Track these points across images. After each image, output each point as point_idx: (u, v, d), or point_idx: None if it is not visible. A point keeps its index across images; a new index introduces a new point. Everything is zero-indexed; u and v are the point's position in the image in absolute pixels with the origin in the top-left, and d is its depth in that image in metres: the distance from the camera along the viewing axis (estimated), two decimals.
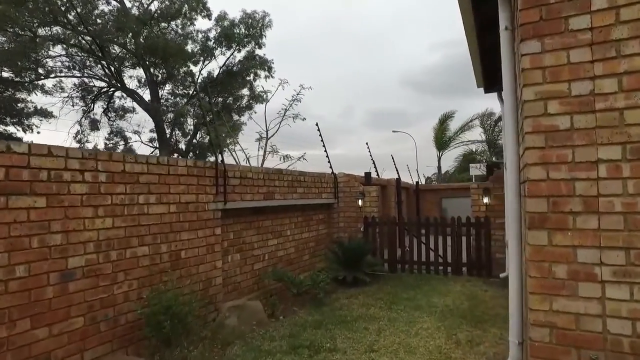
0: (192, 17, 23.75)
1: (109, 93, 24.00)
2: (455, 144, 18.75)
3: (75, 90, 21.94)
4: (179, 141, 26.92)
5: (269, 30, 24.32)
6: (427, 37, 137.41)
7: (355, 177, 9.62)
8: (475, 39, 5.93)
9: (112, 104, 24.84)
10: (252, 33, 24.41)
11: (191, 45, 24.48)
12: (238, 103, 26.51)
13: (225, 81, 25.44)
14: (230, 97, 26.54)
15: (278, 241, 7.06)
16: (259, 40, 24.51)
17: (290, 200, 7.21)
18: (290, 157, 12.54)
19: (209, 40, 24.34)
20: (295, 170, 7.77)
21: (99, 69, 21.84)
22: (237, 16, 24.00)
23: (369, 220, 8.51)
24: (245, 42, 24.61)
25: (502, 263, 7.49)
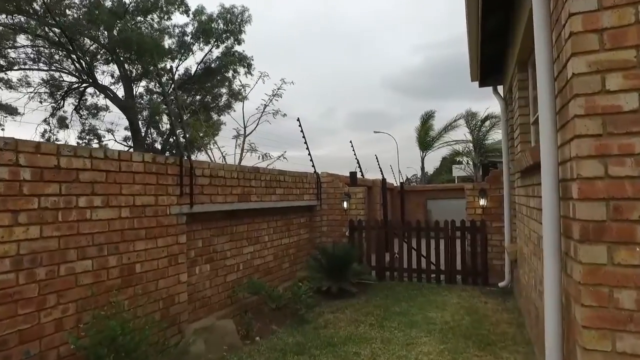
0: (169, 11, 22.65)
1: (80, 89, 22.66)
2: (439, 144, 18.28)
3: (43, 85, 20.55)
4: (155, 140, 25.74)
5: (248, 26, 23.43)
6: (409, 40, 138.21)
7: (340, 177, 8.87)
8: (477, 20, 5.25)
9: (84, 101, 23.50)
10: (231, 28, 23.46)
11: (168, 41, 23.38)
12: (217, 101, 25.52)
13: (204, 78, 24.42)
14: (208, 95, 25.52)
15: (255, 248, 6.23)
16: (238, 36, 23.56)
17: (269, 203, 6.40)
18: (270, 155, 11.71)
19: (186, 35, 23.28)
20: (274, 169, 6.96)
21: (69, 64, 20.51)
22: (215, 11, 23.00)
23: (355, 224, 7.76)
24: (223, 38, 23.63)
25: (499, 270, 6.85)
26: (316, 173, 8.07)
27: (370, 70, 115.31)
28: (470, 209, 7.02)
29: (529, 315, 4.50)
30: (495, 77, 7.24)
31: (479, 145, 16.40)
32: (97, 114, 23.75)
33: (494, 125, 16.48)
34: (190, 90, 25.18)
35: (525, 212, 4.54)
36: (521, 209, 4.94)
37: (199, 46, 23.85)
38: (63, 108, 22.58)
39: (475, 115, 16.52)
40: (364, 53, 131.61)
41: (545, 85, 2.58)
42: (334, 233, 7.98)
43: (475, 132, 16.51)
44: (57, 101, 22.09)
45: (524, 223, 4.77)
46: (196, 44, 23.74)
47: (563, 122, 2.46)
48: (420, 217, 14.44)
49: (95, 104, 23.66)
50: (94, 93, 23.11)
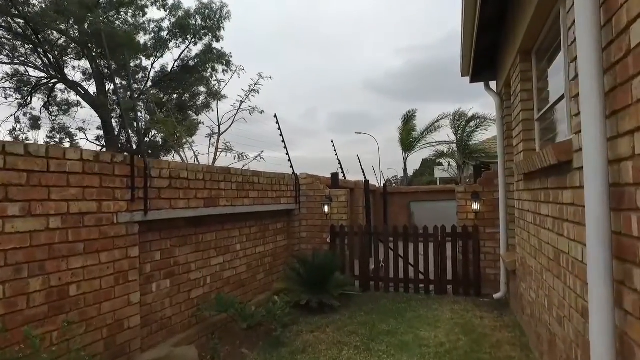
0: (145, 5, 21.57)
1: (49, 85, 21.36)
2: (422, 145, 17.75)
3: (7, 79, 19.22)
4: (129, 140, 24.55)
5: (227, 22, 22.53)
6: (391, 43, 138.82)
7: (320, 179, 8.17)
8: (474, 6, 4.64)
9: (54, 98, 22.20)
10: (209, 25, 22.52)
11: (143, 37, 22.30)
12: (194, 100, 24.52)
13: (181, 76, 23.40)
14: (186, 93, 24.49)
15: (224, 259, 5.47)
16: (217, 33, 22.64)
17: (241, 207, 5.65)
18: (246, 155, 10.95)
19: (162, 31, 22.24)
20: (247, 169, 6.21)
21: (36, 58, 19.24)
22: (193, 6, 22.02)
23: (337, 230, 7.08)
24: (201, 35, 22.68)
25: (492, 280, 6.27)
26: (295, 174, 7.36)
27: (352, 72, 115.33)
28: (461, 214, 6.42)
29: (537, 337, 3.88)
30: (487, 73, 6.68)
31: (464, 146, 15.97)
32: (68, 111, 22.50)
33: (479, 125, 16.13)
34: (167, 88, 24.14)
35: (532, 220, 3.93)
36: (525, 216, 4.34)
37: (176, 43, 22.86)
38: (31, 105, 21.27)
39: (461, 116, 16.10)
40: (345, 55, 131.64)
41: (589, 59, 1.93)
42: (314, 239, 7.28)
43: (460, 133, 16.08)
44: (24, 97, 20.78)
45: (528, 231, 4.17)
46: (173, 41, 22.75)
47: (617, 107, 1.82)
48: (404, 220, 13.87)
49: (66, 101, 22.39)
50: (64, 89, 21.86)
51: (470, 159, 16.48)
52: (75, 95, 21.36)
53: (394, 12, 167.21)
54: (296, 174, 7.41)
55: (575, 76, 2.42)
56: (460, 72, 6.99)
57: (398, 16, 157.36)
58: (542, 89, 4.29)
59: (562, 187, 2.83)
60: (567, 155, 2.60)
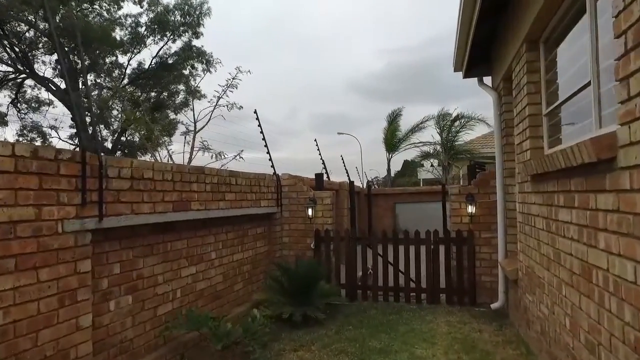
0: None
1: (17, 80, 20.18)
2: (406, 145, 17.35)
3: None
4: (105, 139, 23.52)
5: (208, 19, 21.72)
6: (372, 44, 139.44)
7: (304, 179, 7.62)
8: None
9: (23, 94, 21.00)
10: (189, 21, 21.69)
11: (119, 33, 21.30)
12: (173, 99, 23.60)
13: (159, 74, 22.47)
14: (164, 91, 23.54)
15: (197, 269, 4.85)
16: (197, 30, 21.83)
17: (216, 211, 5.04)
18: (225, 154, 10.31)
19: (140, 27, 21.30)
20: (223, 169, 5.60)
21: (1, 51, 18.08)
22: (172, 1, 21.15)
23: (322, 235, 6.52)
24: (181, 31, 21.83)
25: (488, 288, 5.81)
26: (276, 175, 6.78)
27: (333, 72, 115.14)
28: (455, 217, 5.94)
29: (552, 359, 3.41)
30: (481, 68, 6.24)
31: (449, 146, 15.64)
32: (38, 109, 21.32)
33: (464, 125, 15.80)
34: (145, 86, 23.17)
35: (544, 226, 3.46)
36: (532, 221, 3.87)
37: (154, 39, 21.94)
38: None
39: (446, 116, 15.76)
40: (327, 56, 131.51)
41: None
42: (297, 245, 6.71)
43: (445, 133, 15.74)
44: None
45: (537, 239, 3.70)
46: (151, 37, 21.82)
47: None
48: (389, 223, 13.44)
49: (36, 97, 21.21)
50: (34, 85, 20.69)
51: (456, 159, 16.18)
52: (46, 92, 20.24)
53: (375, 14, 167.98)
54: (277, 175, 6.83)
55: (625, 53, 1.94)
56: (453, 67, 6.53)
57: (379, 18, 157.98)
58: (552, 80, 3.83)
59: (596, 190, 2.35)
60: (609, 151, 2.11)
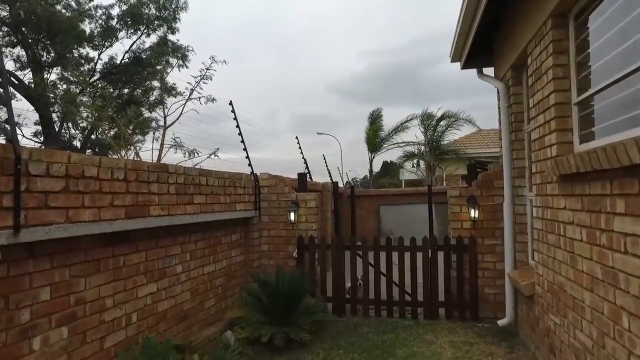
0: None
1: None
2: (388, 145, 16.75)
3: None
4: (74, 137, 22.08)
5: (184, 13, 20.65)
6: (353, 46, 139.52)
7: (285, 180, 6.83)
8: None
9: None
10: (164, 15, 20.56)
11: (90, 26, 19.99)
12: (147, 96, 22.35)
13: (132, 69, 21.23)
14: (138, 88, 22.27)
15: (159, 286, 4.01)
16: (172, 25, 20.69)
17: (182, 217, 4.20)
18: (198, 152, 9.43)
19: (112, 19, 20.04)
20: (192, 167, 4.75)
21: None
22: None
23: (306, 242, 5.75)
24: (155, 25, 20.68)
25: (492, 301, 5.16)
26: (254, 174, 5.97)
27: (314, 73, 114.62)
28: (455, 222, 5.27)
29: None
30: (480, 59, 5.61)
31: (435, 146, 15.11)
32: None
33: (451, 124, 15.28)
34: (117, 81, 21.86)
35: (587, 238, 2.79)
36: (561, 230, 3.20)
37: (127, 33, 20.71)
38: None
39: (431, 115, 15.21)
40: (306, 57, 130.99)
41: None
42: (278, 253, 5.91)
43: (430, 132, 15.20)
44: None
45: (572, 251, 3.02)
46: (123, 30, 20.58)
47: None
48: (373, 225, 12.77)
49: None
50: None
51: (442, 159, 15.69)
52: None
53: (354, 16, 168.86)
54: (256, 174, 6.02)
55: None
56: (450, 57, 5.87)
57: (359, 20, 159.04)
58: (583, 63, 3.19)
59: None
60: None
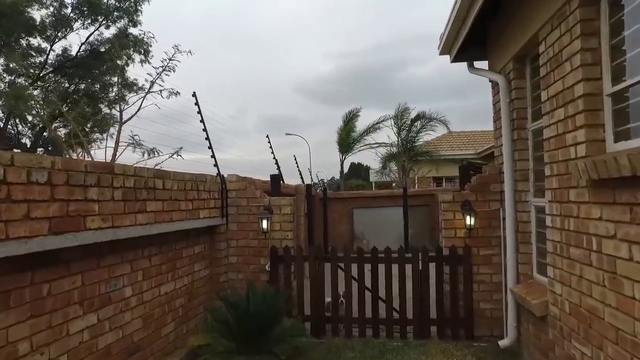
0: None
1: None
2: (360, 146, 16.22)
3: None
4: (22, 134, 20.25)
5: (146, 4, 19.33)
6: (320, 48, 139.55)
7: (255, 182, 6.06)
8: None
9: None
10: (125, 7, 19.16)
11: (40, 12, 18.30)
12: (106, 92, 20.79)
13: (90, 63, 19.65)
14: (96, 83, 20.67)
15: (101, 316, 3.17)
16: (134, 17, 19.32)
17: (132, 229, 3.37)
18: (159, 152, 8.49)
19: (65, 8, 18.45)
20: (144, 167, 3.90)
21: None
22: None
23: (280, 254, 5.02)
24: (115, 17, 19.24)
25: (488, 317, 4.62)
26: (221, 176, 5.18)
27: (280, 74, 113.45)
28: (448, 230, 4.70)
29: None
30: (471, 53, 5.09)
31: (409, 147, 14.71)
32: None
33: (425, 125, 14.92)
34: (73, 75, 20.18)
35: (620, 252, 2.25)
36: (597, 244, 2.65)
37: (83, 23, 19.15)
38: None
39: (404, 113, 14.79)
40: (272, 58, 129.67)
41: None
42: (248, 267, 5.14)
43: (405, 133, 14.78)
44: None
45: (615, 272, 2.47)
46: (79, 20, 19.02)
47: None
48: (345, 230, 12.17)
49: None
50: None
51: (416, 161, 15.34)
52: None
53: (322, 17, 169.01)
54: (222, 176, 5.23)
55: None
56: (439, 48, 5.32)
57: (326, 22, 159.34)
58: (618, 47, 2.67)
59: None
60: None
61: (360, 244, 11.80)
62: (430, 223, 11.57)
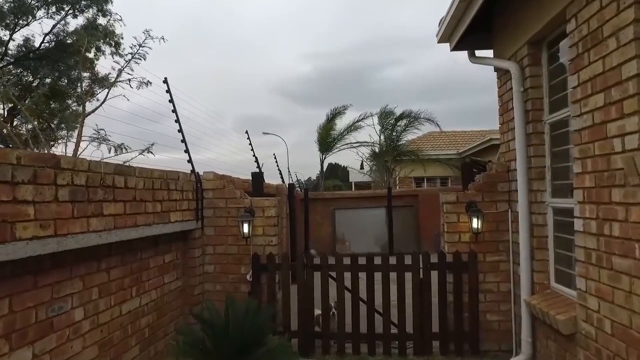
0: None
1: None
2: (341, 145, 15.69)
3: None
4: None
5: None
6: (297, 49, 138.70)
7: (234, 181, 5.41)
8: None
9: None
10: None
11: None
12: (75, 86, 19.46)
13: (56, 55, 18.32)
14: (63, 77, 19.33)
15: (39, 349, 2.47)
16: (103, 6, 18.15)
17: (82, 237, 2.68)
18: (127, 147, 7.70)
19: None
20: (100, 161, 3.20)
21: None
22: None
23: (264, 262, 4.39)
24: (82, 6, 18.00)
25: (495, 329, 4.14)
26: (196, 174, 4.51)
27: (258, 75, 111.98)
28: (451, 234, 4.19)
29: None
30: (472, 41, 4.62)
31: (393, 146, 14.28)
32: None
33: (410, 124, 14.52)
34: (37, 68, 18.80)
35: None
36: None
37: (47, 12, 17.82)
38: None
39: (389, 114, 14.34)
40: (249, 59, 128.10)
41: None
42: (227, 276, 4.50)
43: (389, 132, 14.35)
44: None
45: None
46: (43, 9, 17.69)
47: None
48: (327, 232, 11.61)
49: None
50: None
51: (399, 161, 14.94)
52: None
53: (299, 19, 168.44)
54: (198, 174, 4.56)
55: None
56: (438, 36, 4.82)
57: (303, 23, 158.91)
58: None
59: None
60: None
61: (342, 246, 11.28)
62: (415, 224, 11.16)
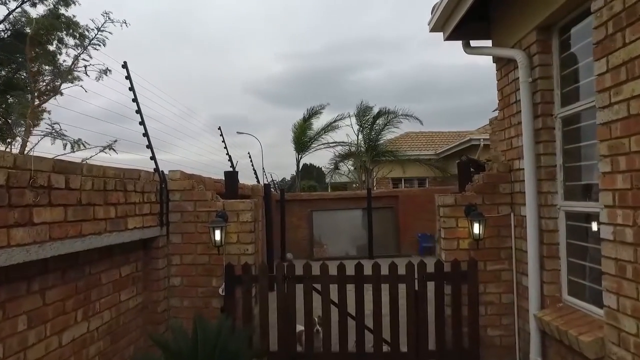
0: None
1: None
2: (318, 145, 15.19)
3: None
4: None
5: None
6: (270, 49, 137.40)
7: (205, 181, 4.79)
8: None
9: None
10: None
11: None
12: (36, 80, 18.08)
13: (13, 46, 16.95)
14: (22, 70, 17.92)
15: None
16: None
17: (8, 252, 2.07)
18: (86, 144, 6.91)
19: None
20: (32, 156, 2.56)
21: None
22: None
23: (239, 273, 3.83)
24: None
25: (497, 345, 3.73)
26: (160, 173, 3.89)
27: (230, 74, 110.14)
28: (449, 241, 3.76)
29: None
30: (467, 31, 4.22)
31: (372, 145, 13.89)
32: None
33: (389, 122, 14.17)
34: None
35: None
36: None
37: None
38: None
39: (367, 110, 13.96)
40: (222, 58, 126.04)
41: None
42: (196, 290, 3.89)
43: (367, 130, 13.95)
44: None
45: None
46: None
47: None
48: (305, 234, 11.08)
49: None
50: None
51: (378, 161, 14.57)
52: None
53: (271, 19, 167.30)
54: (163, 173, 3.94)
55: None
56: (431, 24, 4.39)
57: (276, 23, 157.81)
58: None
59: None
60: None
61: (320, 249, 10.79)
62: (395, 226, 10.80)
